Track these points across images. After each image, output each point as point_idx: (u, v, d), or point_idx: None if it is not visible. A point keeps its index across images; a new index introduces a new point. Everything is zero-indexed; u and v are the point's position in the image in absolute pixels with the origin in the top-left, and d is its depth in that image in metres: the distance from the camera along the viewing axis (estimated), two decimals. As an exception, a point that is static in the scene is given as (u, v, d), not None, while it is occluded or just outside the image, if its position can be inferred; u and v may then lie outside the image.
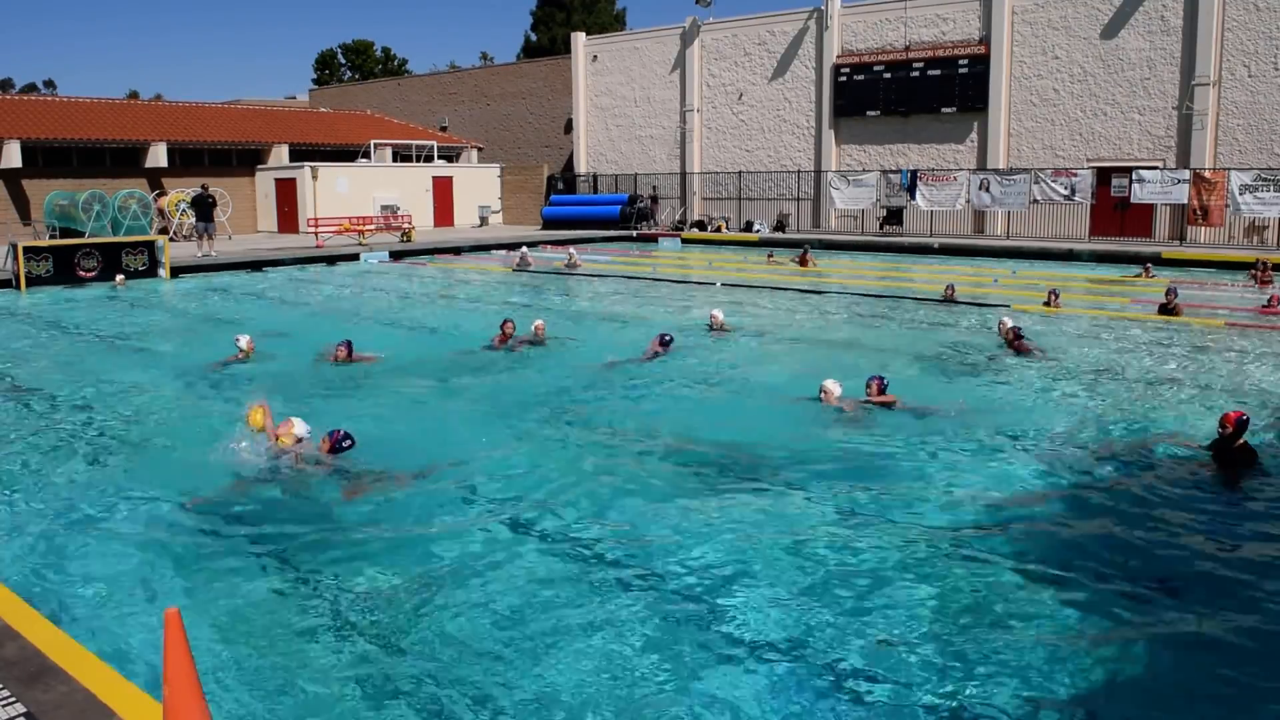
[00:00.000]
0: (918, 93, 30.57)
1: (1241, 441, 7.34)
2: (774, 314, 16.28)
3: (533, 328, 12.81)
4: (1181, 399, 9.92)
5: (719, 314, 13.55)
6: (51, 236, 27.01)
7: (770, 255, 24.86)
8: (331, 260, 25.43)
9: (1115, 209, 26.60)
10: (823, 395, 8.95)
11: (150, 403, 10.10)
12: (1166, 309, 14.51)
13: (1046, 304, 15.58)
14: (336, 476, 7.44)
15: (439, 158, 39.49)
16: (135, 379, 11.31)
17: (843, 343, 13.49)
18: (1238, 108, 25.68)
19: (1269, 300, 15.29)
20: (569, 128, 41.28)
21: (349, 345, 11.51)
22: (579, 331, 14.30)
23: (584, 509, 6.72)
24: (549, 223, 36.36)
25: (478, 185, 39.88)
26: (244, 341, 11.61)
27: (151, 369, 11.91)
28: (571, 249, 24.87)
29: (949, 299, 16.53)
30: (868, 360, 11.95)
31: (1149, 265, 21.10)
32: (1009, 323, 12.64)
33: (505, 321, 12.76)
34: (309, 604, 5.26)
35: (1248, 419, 7.42)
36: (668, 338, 12.13)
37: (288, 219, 34.72)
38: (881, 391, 8.90)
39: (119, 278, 20.52)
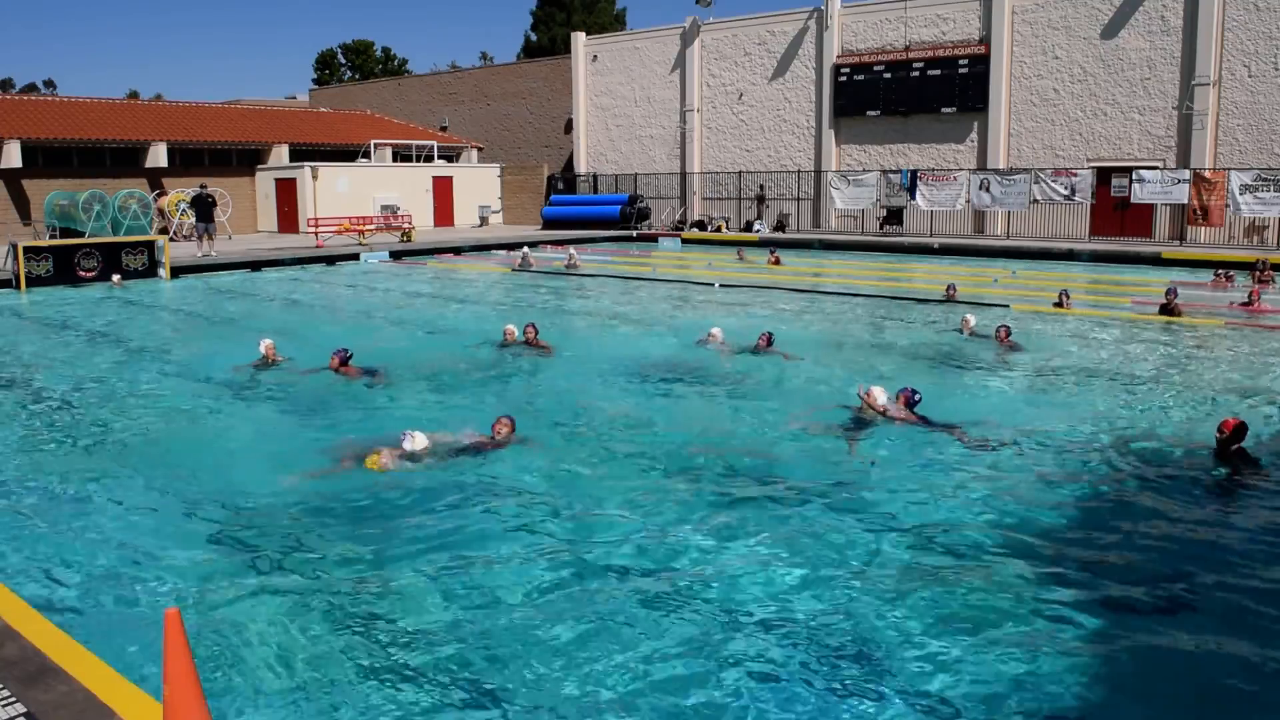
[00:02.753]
0: (918, 93, 30.57)
1: (1238, 447, 7.32)
2: (775, 316, 16.27)
3: (526, 331, 12.68)
4: (1180, 401, 9.92)
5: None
6: (51, 236, 27.02)
7: (740, 254, 25.51)
8: (331, 260, 25.43)
9: (1115, 209, 26.60)
10: (865, 398, 8.72)
11: (151, 403, 10.10)
12: (1167, 309, 14.50)
13: (1058, 304, 15.54)
14: (346, 471, 7.45)
15: (439, 158, 39.49)
16: (135, 379, 11.31)
17: (844, 345, 13.47)
18: (1238, 108, 25.67)
19: (1249, 296, 15.18)
20: (569, 128, 41.29)
21: (342, 355, 11.00)
22: (582, 333, 14.30)
23: (589, 514, 6.70)
24: (549, 223, 36.37)
25: (478, 185, 39.89)
26: (264, 346, 11.40)
27: (153, 369, 11.91)
28: (571, 249, 24.86)
29: (950, 299, 16.49)
30: (868, 363, 11.95)
31: (1225, 272, 19.15)
32: (972, 321, 13.24)
33: (528, 325, 12.58)
34: (310, 603, 5.25)
35: (1246, 425, 7.41)
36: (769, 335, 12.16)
37: (288, 219, 34.73)
38: (909, 405, 8.67)
39: (116, 278, 20.53)
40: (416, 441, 7.46)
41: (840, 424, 8.74)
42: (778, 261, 23.43)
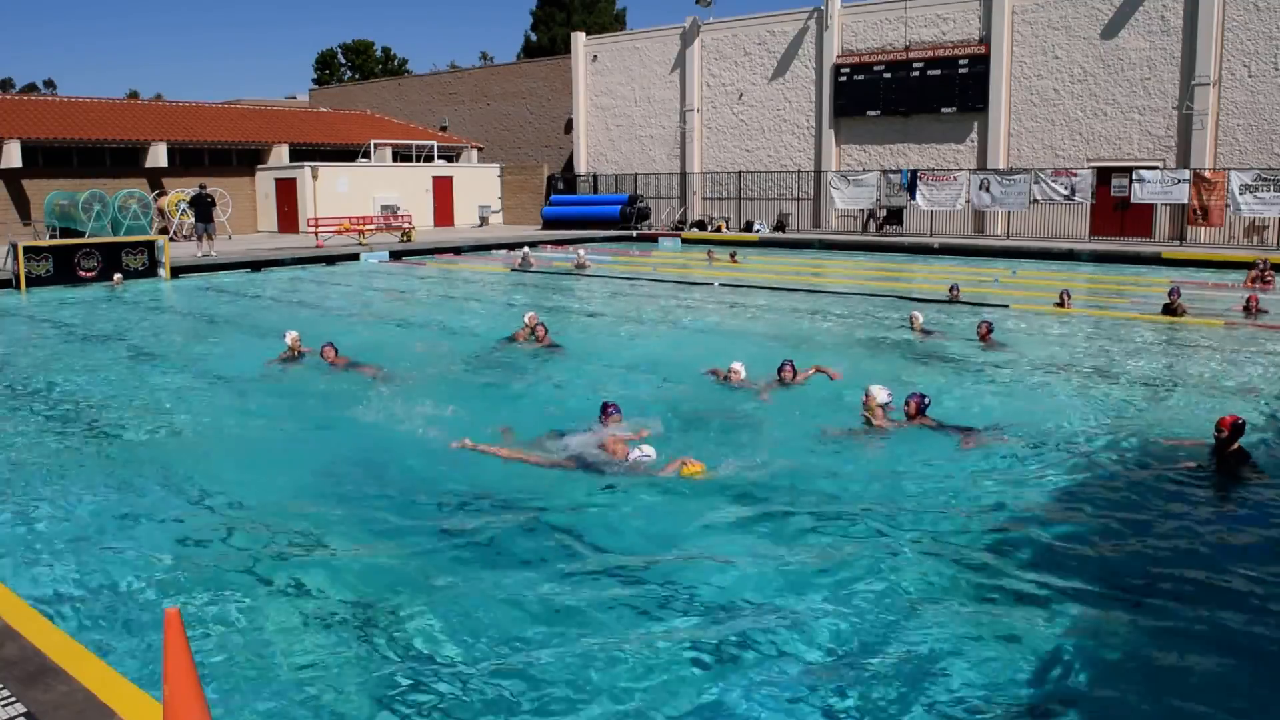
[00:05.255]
0: (918, 93, 30.56)
1: (1236, 445, 7.31)
2: (776, 315, 16.28)
3: (536, 330, 12.70)
4: (1178, 400, 9.92)
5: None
6: (51, 236, 27.02)
7: (710, 254, 25.73)
8: (331, 260, 25.43)
9: (1115, 209, 26.60)
10: (865, 400, 8.58)
11: (151, 402, 10.10)
12: (1170, 309, 14.46)
13: (1059, 304, 15.50)
14: (347, 470, 7.44)
15: (439, 158, 39.49)
16: (135, 378, 11.32)
17: (837, 346, 13.46)
18: (1238, 108, 25.67)
19: (1247, 302, 15.12)
20: (569, 128, 41.29)
21: (333, 346, 11.29)
22: (584, 334, 14.28)
23: (596, 521, 6.68)
24: (549, 223, 36.37)
25: (478, 185, 39.88)
26: (289, 338, 11.65)
27: (153, 369, 11.92)
28: (581, 250, 24.82)
29: (954, 300, 16.36)
30: (864, 365, 11.94)
31: (1262, 266, 18.71)
32: (920, 318, 13.42)
33: (538, 325, 12.61)
34: (311, 603, 5.25)
35: (1243, 423, 7.40)
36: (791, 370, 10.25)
37: (288, 219, 34.73)
38: (920, 411, 8.49)
39: (116, 277, 20.53)
40: (645, 452, 7.35)
41: (847, 430, 8.71)
42: (736, 261, 24.27)
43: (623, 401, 8.57)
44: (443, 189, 38.51)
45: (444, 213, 38.45)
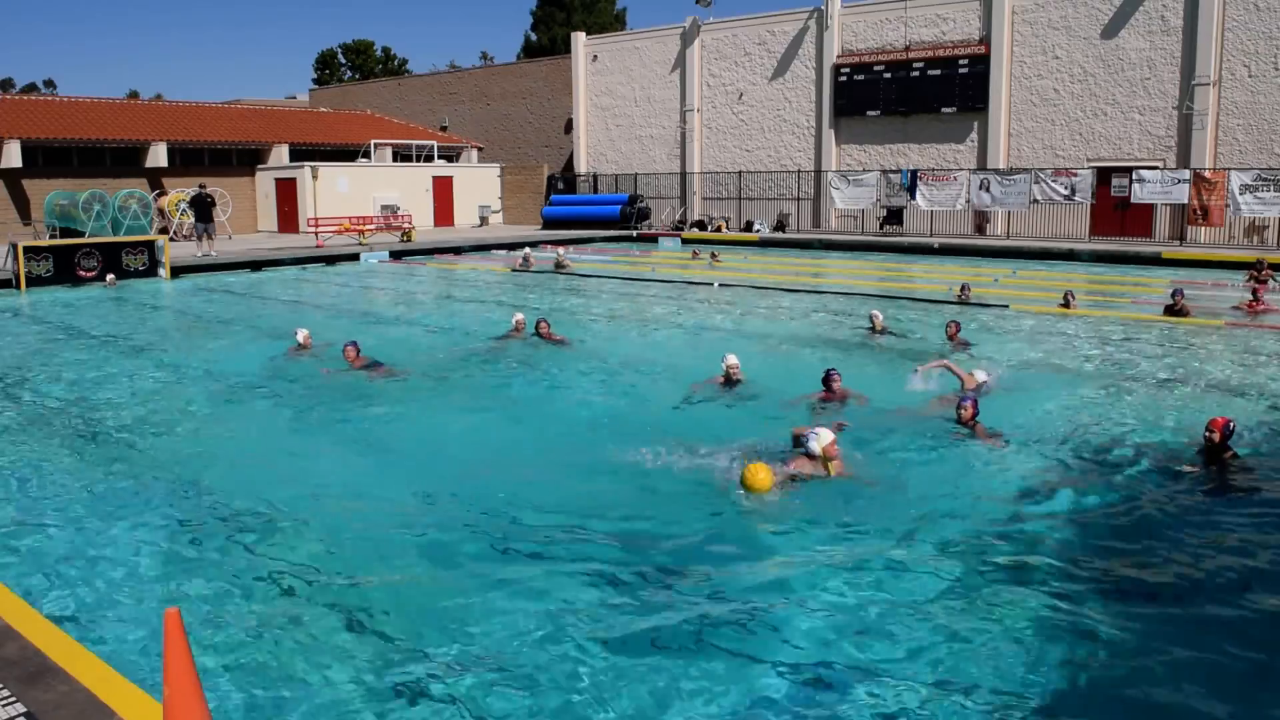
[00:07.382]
0: (918, 93, 30.56)
1: (1228, 448, 7.30)
2: (767, 314, 16.27)
3: (539, 326, 12.80)
4: (1175, 401, 9.88)
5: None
6: (51, 236, 27.00)
7: (695, 253, 25.98)
8: (331, 260, 25.43)
9: (1115, 209, 26.59)
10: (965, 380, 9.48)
11: (150, 402, 10.10)
12: (1173, 310, 14.42)
13: (1064, 305, 15.44)
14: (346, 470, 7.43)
15: (439, 158, 39.48)
16: (136, 378, 11.31)
17: (827, 344, 13.46)
18: (1238, 108, 25.67)
19: (1254, 295, 15.09)
20: (569, 128, 41.28)
21: (356, 346, 11.40)
22: (587, 333, 14.29)
23: (601, 521, 6.64)
24: (549, 223, 36.37)
25: (478, 185, 39.88)
26: (301, 335, 11.87)
27: (154, 368, 11.92)
28: (560, 249, 24.91)
29: (963, 301, 16.13)
30: (856, 363, 11.91)
31: (1263, 265, 18.64)
32: (880, 317, 13.49)
33: (540, 320, 12.85)
34: (311, 603, 5.25)
35: (1235, 425, 7.39)
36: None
37: (288, 219, 34.73)
38: (974, 414, 8.34)
39: (109, 278, 20.53)
40: (822, 438, 6.97)
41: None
42: (718, 260, 24.52)
43: (624, 401, 8.56)
44: (443, 189, 38.51)
45: (444, 213, 38.45)
